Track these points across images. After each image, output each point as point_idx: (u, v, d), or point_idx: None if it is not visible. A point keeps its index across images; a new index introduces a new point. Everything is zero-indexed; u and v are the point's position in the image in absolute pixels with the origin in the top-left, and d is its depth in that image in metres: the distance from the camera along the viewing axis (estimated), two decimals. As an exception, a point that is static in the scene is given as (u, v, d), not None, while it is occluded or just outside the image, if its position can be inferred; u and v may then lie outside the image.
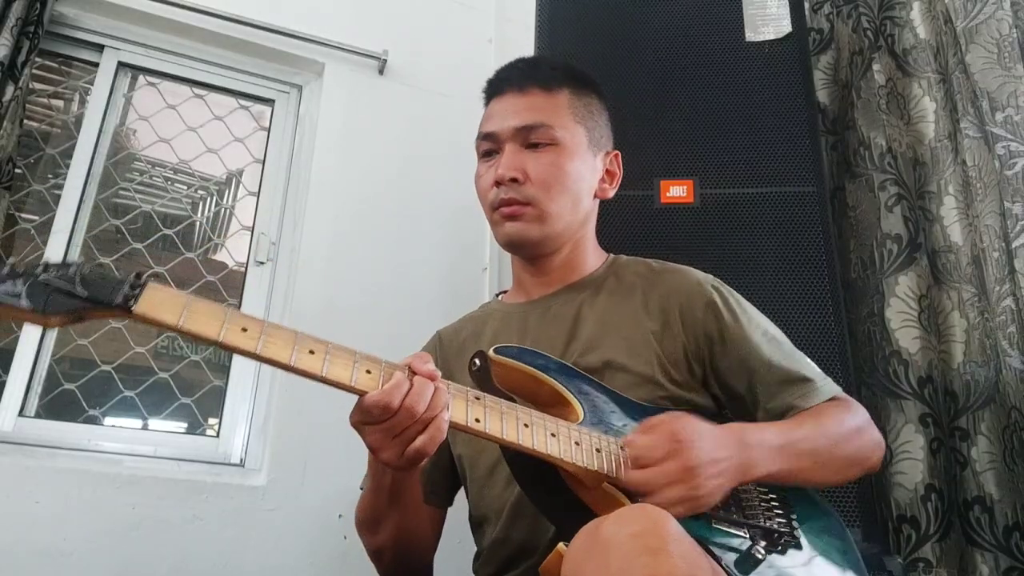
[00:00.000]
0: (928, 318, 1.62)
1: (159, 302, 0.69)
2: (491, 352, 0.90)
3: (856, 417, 1.00)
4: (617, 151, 1.19)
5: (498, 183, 1.06)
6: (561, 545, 0.71)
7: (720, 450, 0.84)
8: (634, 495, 0.81)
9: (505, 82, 1.13)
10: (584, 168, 1.10)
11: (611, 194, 1.17)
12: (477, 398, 0.81)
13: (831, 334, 1.40)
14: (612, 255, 1.18)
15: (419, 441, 0.75)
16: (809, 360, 1.04)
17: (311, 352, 0.74)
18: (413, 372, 0.77)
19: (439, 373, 0.78)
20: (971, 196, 1.60)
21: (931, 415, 1.55)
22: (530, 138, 1.07)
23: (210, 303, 0.72)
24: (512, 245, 1.10)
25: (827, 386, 1.01)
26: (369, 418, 0.75)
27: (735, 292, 1.07)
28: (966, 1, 1.64)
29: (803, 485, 0.94)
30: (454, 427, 0.79)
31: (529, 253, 1.12)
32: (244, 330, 0.71)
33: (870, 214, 1.75)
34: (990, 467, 1.47)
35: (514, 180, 1.05)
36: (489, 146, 1.11)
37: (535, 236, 1.06)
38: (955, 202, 1.66)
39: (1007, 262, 1.47)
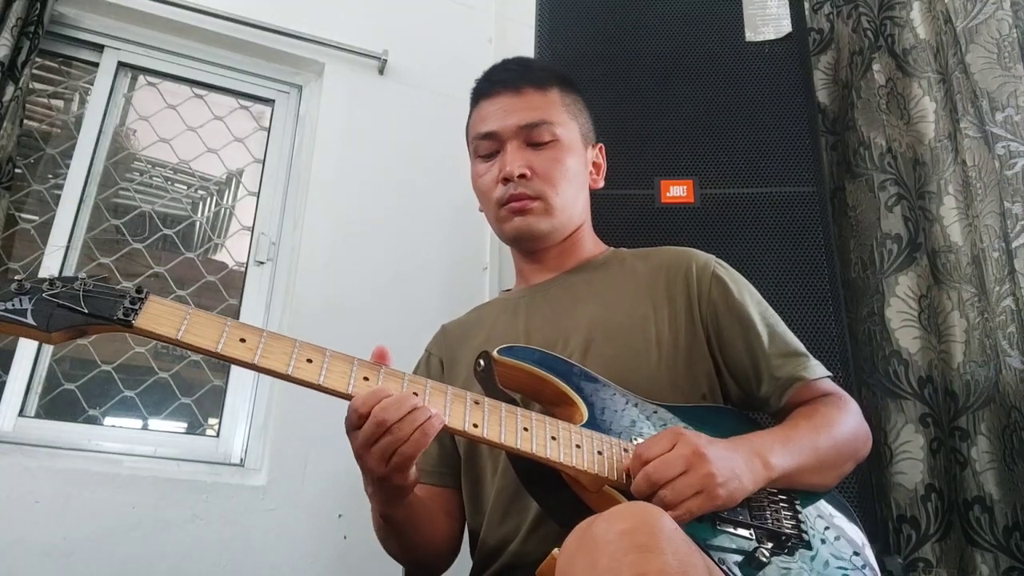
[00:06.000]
0: (928, 318, 1.62)
1: (159, 315, 0.71)
2: (495, 353, 0.89)
3: (848, 411, 1.01)
4: (601, 143, 1.25)
5: (506, 179, 1.09)
6: (556, 551, 0.71)
7: (729, 450, 0.84)
8: (639, 496, 0.80)
9: (498, 83, 1.16)
10: (580, 162, 1.16)
11: (600, 184, 1.22)
12: (476, 402, 0.81)
13: (831, 334, 1.40)
14: (613, 248, 1.22)
15: (397, 455, 0.76)
16: None
17: (309, 361, 0.75)
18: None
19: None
20: (971, 196, 1.60)
21: (931, 415, 1.55)
22: (532, 136, 1.11)
23: (210, 315, 0.73)
24: (521, 239, 1.13)
25: (818, 364, 1.04)
26: (349, 424, 0.77)
27: (735, 270, 1.12)
28: (966, 1, 1.64)
29: (806, 486, 0.94)
30: (452, 432, 0.80)
31: (535, 246, 1.15)
32: (242, 340, 0.73)
33: (870, 214, 1.75)
34: (990, 467, 1.47)
35: (522, 176, 1.08)
36: (489, 147, 1.13)
37: (544, 229, 1.11)
38: (955, 202, 1.65)
39: (1007, 262, 1.47)
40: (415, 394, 0.78)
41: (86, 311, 0.68)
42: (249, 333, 0.74)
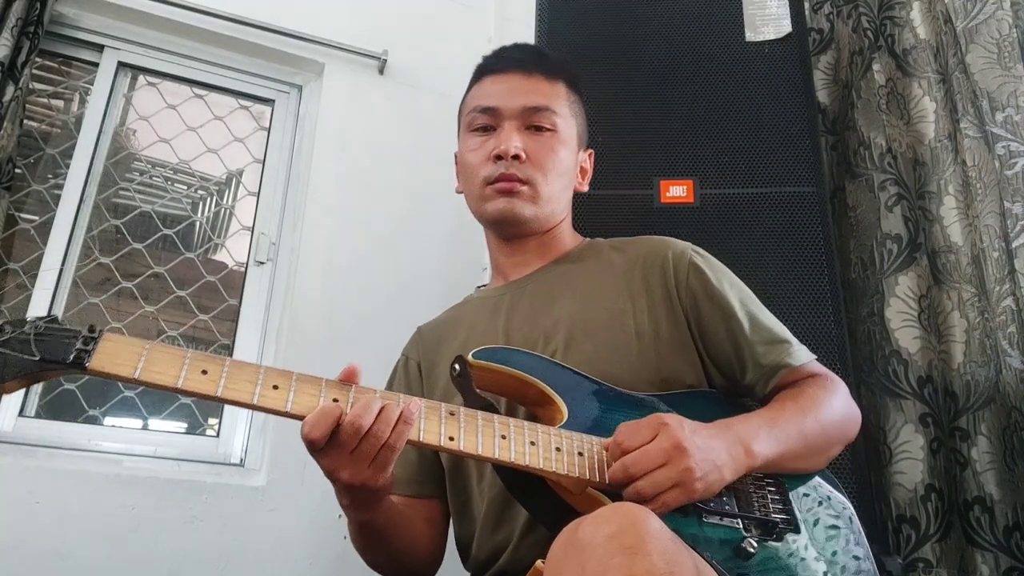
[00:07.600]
0: (928, 318, 1.62)
1: (114, 353, 0.68)
2: (470, 357, 0.88)
3: (836, 392, 0.99)
4: (592, 150, 1.24)
5: (499, 157, 1.07)
6: (540, 562, 0.70)
7: (712, 439, 0.83)
8: (619, 493, 0.79)
9: (509, 61, 1.15)
10: (572, 158, 1.15)
11: (584, 188, 1.21)
12: (451, 413, 0.80)
13: (831, 334, 1.40)
14: (589, 239, 1.20)
15: (385, 448, 0.75)
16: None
17: (275, 387, 0.73)
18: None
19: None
20: (971, 196, 1.60)
21: (931, 415, 1.55)
22: (533, 120, 1.10)
23: (169, 348, 0.70)
24: (503, 221, 1.10)
25: (802, 348, 1.02)
26: (312, 447, 0.75)
27: (713, 258, 1.10)
28: (966, 1, 1.64)
29: (793, 471, 0.93)
30: (428, 447, 0.78)
31: (514, 231, 1.12)
32: (204, 372, 0.70)
33: (870, 214, 1.74)
34: (990, 467, 1.47)
35: (516, 157, 1.06)
36: (486, 121, 1.12)
37: (527, 215, 1.08)
38: (955, 202, 1.65)
39: (1007, 262, 1.47)
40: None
41: (37, 357, 0.64)
42: (211, 364, 0.70)
